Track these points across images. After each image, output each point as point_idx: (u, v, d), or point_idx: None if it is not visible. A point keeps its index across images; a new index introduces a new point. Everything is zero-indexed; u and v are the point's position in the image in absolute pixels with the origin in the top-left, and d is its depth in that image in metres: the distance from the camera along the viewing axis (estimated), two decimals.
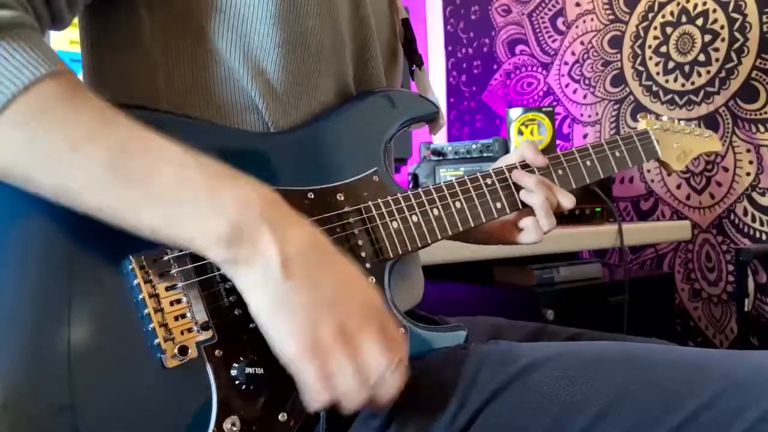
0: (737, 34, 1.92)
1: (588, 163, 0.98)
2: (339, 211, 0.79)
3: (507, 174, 0.91)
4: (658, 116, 1.12)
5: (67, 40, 1.74)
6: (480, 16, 2.63)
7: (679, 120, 1.13)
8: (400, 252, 0.81)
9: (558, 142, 2.30)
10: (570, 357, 0.73)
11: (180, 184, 0.61)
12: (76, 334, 0.63)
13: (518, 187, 0.91)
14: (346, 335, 0.63)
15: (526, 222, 0.92)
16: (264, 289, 0.62)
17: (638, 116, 1.11)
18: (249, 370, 0.66)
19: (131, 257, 0.65)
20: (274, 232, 0.61)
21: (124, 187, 0.60)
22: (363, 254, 0.79)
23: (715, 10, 1.97)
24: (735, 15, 1.92)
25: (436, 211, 0.85)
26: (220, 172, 0.63)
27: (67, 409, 0.61)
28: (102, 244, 0.63)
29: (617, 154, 1.01)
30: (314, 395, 0.62)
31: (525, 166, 0.93)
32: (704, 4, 1.99)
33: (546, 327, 1.03)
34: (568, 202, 0.92)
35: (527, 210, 0.92)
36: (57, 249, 0.64)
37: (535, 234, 0.92)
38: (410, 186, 1.94)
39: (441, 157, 1.95)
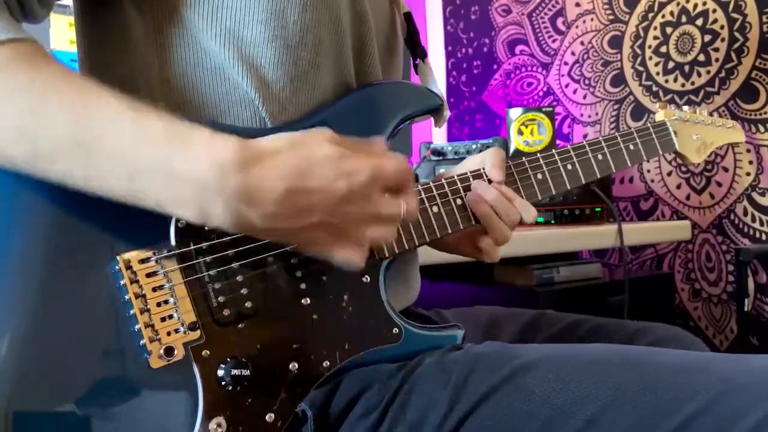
0: (737, 34, 1.91)
1: (600, 156, 0.95)
2: None
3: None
4: (678, 106, 1.09)
5: (67, 40, 1.74)
6: (480, 16, 2.63)
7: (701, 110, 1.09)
8: (397, 251, 0.80)
9: (558, 142, 2.29)
10: (564, 359, 0.72)
11: (134, 155, 0.61)
12: (62, 334, 0.63)
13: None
14: (353, 220, 0.66)
15: (485, 244, 0.89)
16: (258, 232, 0.66)
17: (657, 106, 1.07)
18: (236, 371, 0.66)
19: (118, 257, 0.65)
20: (241, 200, 0.62)
21: (86, 153, 0.61)
22: None
23: (715, 10, 1.96)
24: (735, 15, 1.92)
25: (435, 209, 0.84)
26: (172, 139, 0.62)
27: (53, 408, 0.61)
28: (89, 244, 0.63)
29: (631, 147, 0.97)
30: (355, 263, 0.67)
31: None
32: (704, 4, 1.98)
33: (544, 314, 1.01)
34: (528, 215, 0.87)
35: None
36: (44, 248, 0.64)
37: (494, 253, 0.90)
38: None
39: (441, 157, 1.95)
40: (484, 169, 0.87)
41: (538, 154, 0.92)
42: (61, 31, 1.73)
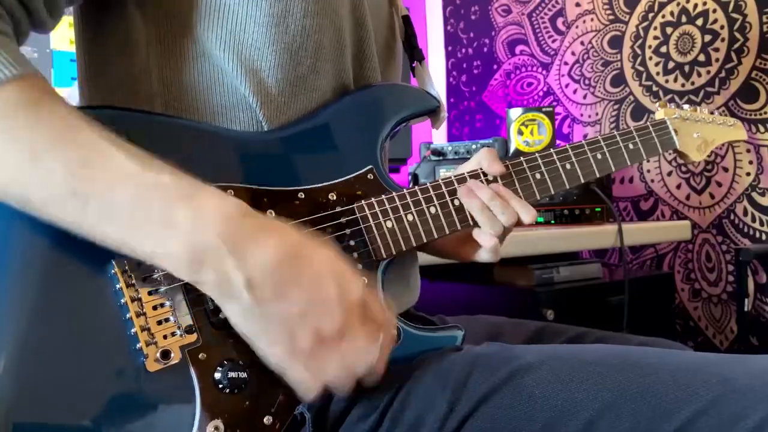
0: (737, 34, 1.91)
1: (599, 156, 0.93)
2: (330, 212, 0.78)
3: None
4: (678, 104, 1.08)
5: (67, 39, 1.74)
6: (480, 16, 2.63)
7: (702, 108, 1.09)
8: (394, 252, 0.80)
9: (558, 142, 2.29)
10: (564, 360, 0.72)
11: (136, 204, 0.60)
12: (58, 339, 0.63)
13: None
14: (326, 338, 0.63)
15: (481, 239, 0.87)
16: (237, 305, 0.63)
17: (657, 104, 1.06)
18: (233, 374, 0.66)
19: (114, 261, 0.65)
20: (235, 256, 0.61)
21: (82, 204, 0.60)
22: (355, 255, 0.78)
23: (715, 10, 1.96)
24: (735, 15, 1.92)
25: (433, 210, 0.83)
26: (178, 190, 0.62)
27: (50, 412, 0.61)
28: (86, 248, 0.63)
29: (631, 146, 0.95)
30: (305, 389, 0.65)
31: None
32: (704, 4, 1.98)
33: (548, 326, 1.01)
34: (527, 216, 0.85)
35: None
36: (40, 253, 0.64)
37: (492, 254, 0.87)
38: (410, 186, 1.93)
39: (441, 157, 1.95)
40: (481, 168, 0.87)
41: (537, 154, 0.90)
42: (62, 31, 1.73)
